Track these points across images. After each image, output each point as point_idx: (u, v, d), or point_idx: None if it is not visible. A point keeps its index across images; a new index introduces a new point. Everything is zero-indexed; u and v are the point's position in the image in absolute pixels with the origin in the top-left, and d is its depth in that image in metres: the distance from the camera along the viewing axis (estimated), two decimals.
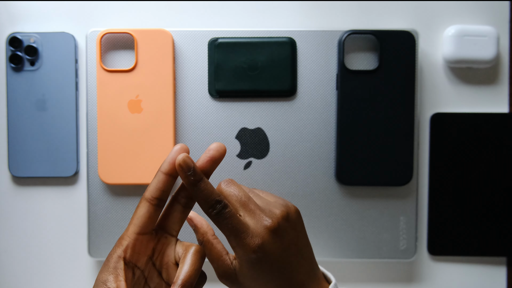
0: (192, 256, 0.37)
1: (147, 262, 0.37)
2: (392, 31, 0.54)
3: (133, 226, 0.36)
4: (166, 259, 0.38)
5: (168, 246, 0.38)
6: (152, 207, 0.36)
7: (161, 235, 0.38)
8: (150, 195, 0.36)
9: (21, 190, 0.58)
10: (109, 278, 0.35)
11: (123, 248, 0.36)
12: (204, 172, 0.37)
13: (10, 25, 0.58)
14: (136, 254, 0.36)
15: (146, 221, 0.36)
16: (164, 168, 0.37)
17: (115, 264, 0.35)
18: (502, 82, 0.57)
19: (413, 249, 0.56)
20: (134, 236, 0.36)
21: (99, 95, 0.55)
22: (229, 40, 0.55)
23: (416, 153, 0.55)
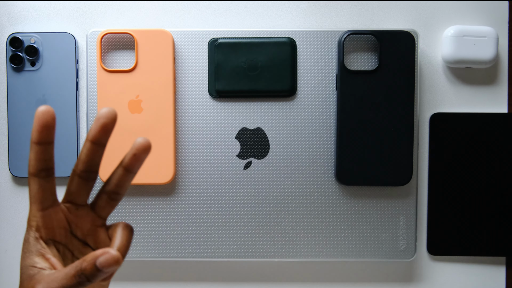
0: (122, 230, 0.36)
1: (65, 235, 0.36)
2: (391, 31, 0.54)
3: (33, 204, 0.35)
4: (86, 228, 0.37)
5: (82, 216, 0.37)
6: (41, 180, 0.34)
7: (70, 207, 0.37)
8: (34, 169, 0.34)
9: (21, 190, 0.58)
10: (36, 260, 0.34)
11: (34, 229, 0.35)
12: (98, 141, 0.34)
13: (10, 25, 0.58)
14: (50, 230, 0.35)
15: (43, 195, 0.35)
16: (34, 138, 0.33)
17: (36, 246, 0.34)
18: (501, 82, 0.58)
19: (413, 249, 0.56)
20: (39, 213, 0.35)
21: (99, 95, 0.55)
22: (229, 40, 0.55)
23: (415, 153, 0.55)
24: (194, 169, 0.56)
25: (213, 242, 0.56)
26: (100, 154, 0.35)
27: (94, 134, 0.34)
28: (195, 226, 0.56)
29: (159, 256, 0.56)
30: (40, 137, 0.33)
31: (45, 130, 0.33)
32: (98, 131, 0.34)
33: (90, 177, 0.36)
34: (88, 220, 0.37)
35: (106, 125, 0.34)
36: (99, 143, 0.34)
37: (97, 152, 0.35)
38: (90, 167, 0.35)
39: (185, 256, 0.56)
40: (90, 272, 0.32)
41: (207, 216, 0.56)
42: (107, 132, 0.34)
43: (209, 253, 0.56)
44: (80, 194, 0.36)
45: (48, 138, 0.33)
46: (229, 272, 0.58)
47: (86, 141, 0.35)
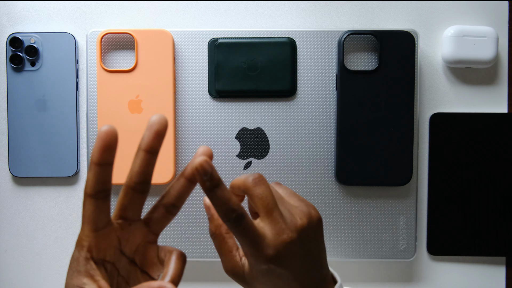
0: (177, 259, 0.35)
1: (115, 253, 0.35)
2: (392, 31, 0.54)
3: (87, 225, 0.34)
4: (135, 244, 0.36)
5: (135, 231, 0.36)
6: (98, 201, 0.33)
7: (123, 224, 0.36)
8: (92, 190, 0.33)
9: (21, 190, 0.58)
10: (85, 281, 0.33)
11: (86, 249, 0.34)
12: (153, 149, 0.34)
13: (10, 25, 0.58)
14: (101, 250, 0.34)
15: (98, 216, 0.34)
16: (96, 159, 0.32)
17: (86, 267, 0.33)
18: (501, 83, 0.58)
19: (413, 249, 0.56)
20: (92, 234, 0.34)
21: (99, 95, 0.55)
22: (229, 40, 0.55)
23: (415, 153, 0.55)
24: None
25: (213, 242, 0.56)
26: (153, 163, 0.34)
27: (148, 142, 0.33)
28: (195, 226, 0.56)
29: None
30: (101, 159, 0.32)
31: (107, 151, 0.32)
32: (152, 138, 0.33)
33: (145, 189, 0.35)
34: (140, 235, 0.36)
35: (159, 132, 0.33)
36: (153, 151, 0.34)
37: (151, 161, 0.34)
38: (144, 178, 0.34)
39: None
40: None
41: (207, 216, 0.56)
42: (161, 139, 0.33)
43: (209, 253, 0.56)
44: (134, 208, 0.35)
45: (109, 159, 0.33)
46: None
47: (139, 151, 0.34)
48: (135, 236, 0.36)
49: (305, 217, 0.37)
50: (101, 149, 0.32)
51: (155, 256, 0.37)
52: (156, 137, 0.33)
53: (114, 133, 0.32)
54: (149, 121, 0.33)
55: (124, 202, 0.35)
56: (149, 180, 0.35)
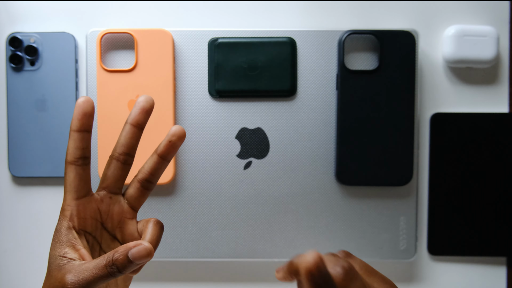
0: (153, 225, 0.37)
1: (96, 226, 0.37)
2: (392, 31, 0.54)
3: (69, 193, 0.36)
4: (117, 219, 0.38)
5: (115, 205, 0.38)
6: (78, 168, 0.36)
7: (104, 196, 0.37)
8: (72, 156, 0.35)
9: (21, 190, 0.58)
10: (66, 251, 0.34)
11: (68, 218, 0.35)
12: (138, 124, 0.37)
13: (10, 25, 0.58)
14: (82, 220, 0.36)
15: (78, 183, 0.36)
16: (75, 125, 0.35)
17: (67, 236, 0.35)
18: (502, 82, 0.57)
19: (413, 249, 0.56)
20: (73, 202, 0.36)
21: (99, 95, 0.55)
22: (229, 40, 0.55)
23: (416, 153, 0.55)
24: (194, 169, 0.56)
25: (213, 242, 0.56)
26: (138, 137, 0.37)
27: (134, 116, 0.37)
28: (195, 226, 0.56)
29: (159, 256, 0.56)
30: (80, 125, 0.35)
31: (85, 118, 0.35)
32: (138, 113, 0.36)
33: (128, 161, 0.37)
34: (120, 210, 0.38)
35: (145, 108, 0.37)
36: (138, 126, 0.37)
37: (136, 134, 0.37)
38: (128, 150, 0.37)
39: (185, 256, 0.56)
40: (121, 263, 0.33)
41: (207, 216, 0.56)
42: (146, 115, 0.37)
43: (209, 253, 0.56)
44: (116, 179, 0.37)
45: (87, 126, 0.35)
46: (229, 272, 0.58)
47: (126, 125, 0.37)
48: (115, 210, 0.38)
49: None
50: (79, 116, 0.35)
51: (135, 231, 0.38)
52: (142, 112, 0.37)
53: (90, 102, 0.35)
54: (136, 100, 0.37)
55: (106, 172, 0.37)
56: (132, 153, 0.37)
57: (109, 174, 0.37)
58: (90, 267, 0.33)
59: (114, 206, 0.38)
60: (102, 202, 0.37)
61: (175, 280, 0.58)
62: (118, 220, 0.38)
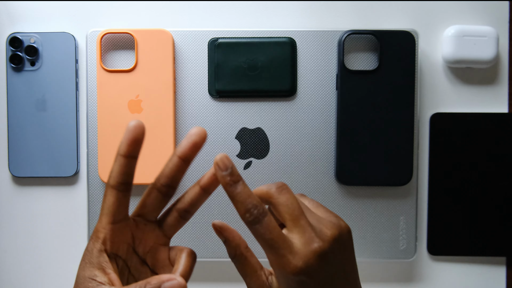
0: (187, 257, 0.36)
1: (127, 250, 0.36)
2: (392, 31, 0.54)
3: (105, 216, 0.35)
4: (149, 245, 0.37)
5: (149, 232, 0.37)
6: (120, 193, 0.34)
7: (139, 222, 0.37)
8: (115, 181, 0.34)
9: (21, 190, 0.58)
10: (96, 273, 0.33)
11: (101, 241, 0.34)
12: (186, 158, 0.35)
13: (10, 25, 0.58)
14: (115, 244, 0.35)
15: (117, 208, 0.34)
16: (123, 151, 0.34)
17: (98, 259, 0.34)
18: (502, 82, 0.57)
19: (413, 249, 0.56)
20: (109, 226, 0.34)
21: (99, 95, 0.55)
22: (229, 40, 0.55)
23: (416, 153, 0.55)
24: (194, 169, 0.56)
25: (213, 242, 0.56)
26: (184, 170, 0.35)
27: (184, 150, 0.35)
28: (195, 226, 0.56)
29: None
30: (129, 151, 0.34)
31: (134, 144, 0.33)
32: (189, 148, 0.35)
33: (169, 193, 0.36)
34: (153, 237, 0.37)
35: (197, 144, 0.35)
36: (186, 160, 0.35)
37: (182, 168, 0.35)
38: (172, 183, 0.36)
39: None
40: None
41: (207, 216, 0.56)
42: (196, 150, 0.35)
43: (209, 253, 0.56)
44: (154, 209, 0.36)
45: (135, 152, 0.34)
46: (229, 272, 0.58)
47: (174, 156, 0.35)
48: (148, 237, 0.37)
49: (335, 228, 0.35)
50: (129, 141, 0.33)
51: (166, 258, 0.37)
52: (193, 147, 0.35)
53: (142, 128, 0.33)
54: (189, 131, 0.35)
55: (146, 200, 0.36)
56: (175, 186, 0.36)
57: (148, 203, 0.36)
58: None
59: (149, 233, 0.37)
60: (137, 228, 0.36)
61: None
62: (150, 246, 0.37)
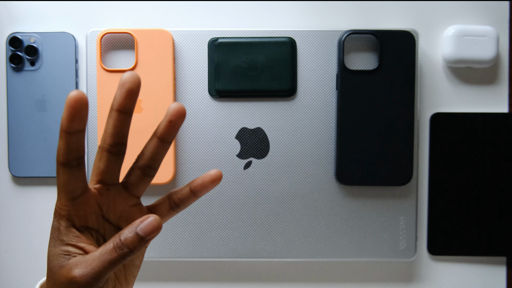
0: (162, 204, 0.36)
1: (97, 220, 0.34)
2: (392, 31, 0.54)
3: (62, 194, 0.32)
4: (119, 210, 0.35)
5: (115, 196, 0.35)
6: (73, 169, 0.32)
7: (101, 189, 0.34)
8: (64, 158, 0.32)
9: (21, 190, 0.58)
10: (68, 249, 0.32)
11: (65, 218, 0.33)
12: (125, 109, 0.32)
13: (10, 25, 0.58)
14: (82, 217, 0.33)
15: (74, 184, 0.32)
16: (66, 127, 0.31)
17: (67, 236, 0.32)
18: (502, 82, 0.57)
19: (413, 249, 0.56)
20: (69, 203, 0.32)
21: (99, 95, 0.55)
22: (229, 40, 0.55)
23: (416, 153, 0.55)
24: (194, 169, 0.56)
25: (213, 242, 0.56)
26: (127, 123, 0.33)
27: (120, 101, 0.32)
28: (195, 226, 0.56)
29: (159, 256, 0.56)
30: (72, 127, 0.30)
31: (77, 120, 0.30)
32: (124, 97, 0.32)
33: (120, 150, 0.34)
34: (121, 200, 0.35)
35: (131, 90, 0.32)
36: (126, 111, 0.32)
37: (125, 121, 0.33)
38: (119, 139, 0.33)
39: (185, 256, 0.56)
40: (132, 241, 0.30)
41: (207, 216, 0.56)
42: (133, 97, 0.32)
43: (209, 253, 0.56)
44: (111, 172, 0.34)
45: (80, 126, 0.31)
46: (229, 272, 0.58)
47: (111, 111, 0.32)
48: (116, 201, 0.35)
49: None
50: (70, 117, 0.30)
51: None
52: (128, 95, 0.32)
53: (84, 99, 0.30)
54: (120, 78, 0.32)
55: (99, 166, 0.34)
56: (124, 141, 0.33)
57: (102, 167, 0.34)
58: (97, 255, 0.31)
59: (114, 197, 0.35)
60: (100, 196, 0.34)
61: (175, 280, 0.58)
62: (120, 210, 0.35)
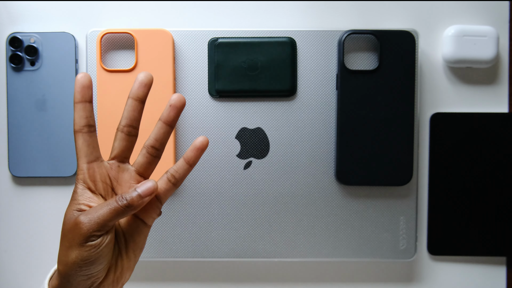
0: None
1: (107, 190, 0.40)
2: (392, 31, 0.54)
3: (80, 159, 0.39)
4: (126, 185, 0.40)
5: (124, 172, 0.41)
6: (85, 135, 0.39)
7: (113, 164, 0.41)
8: (78, 126, 0.39)
9: (21, 190, 0.58)
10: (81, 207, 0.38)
11: (82, 181, 0.39)
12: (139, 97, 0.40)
13: (10, 25, 0.58)
14: (94, 182, 0.39)
15: (87, 149, 0.39)
16: (77, 98, 0.39)
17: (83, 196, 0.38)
18: (502, 82, 0.57)
19: (413, 249, 0.56)
20: (85, 166, 0.39)
21: (99, 95, 0.55)
22: (229, 40, 0.55)
23: (416, 153, 0.55)
24: (194, 169, 0.56)
25: (213, 242, 0.56)
26: (140, 109, 0.40)
27: (135, 91, 0.40)
28: (195, 226, 0.56)
29: (159, 256, 0.56)
30: (81, 96, 0.39)
31: (84, 90, 0.39)
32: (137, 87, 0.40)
33: (131, 132, 0.40)
34: (129, 177, 0.41)
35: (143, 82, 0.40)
36: (139, 99, 0.40)
37: (138, 107, 0.40)
38: (131, 122, 0.40)
39: (185, 256, 0.56)
40: (131, 197, 0.37)
41: (207, 216, 0.56)
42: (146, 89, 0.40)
43: (209, 253, 0.56)
44: (123, 149, 0.40)
45: (87, 97, 0.39)
46: (229, 272, 0.58)
47: (128, 99, 0.40)
48: (123, 178, 0.41)
49: None
50: (79, 88, 0.39)
51: None
52: (141, 86, 0.40)
53: (88, 76, 0.39)
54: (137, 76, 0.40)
55: (114, 144, 0.41)
56: (135, 125, 0.41)
57: (116, 145, 0.40)
58: (101, 205, 0.37)
59: (123, 173, 0.41)
60: (111, 169, 0.40)
61: (175, 280, 0.58)
62: (127, 187, 0.40)
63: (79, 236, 0.36)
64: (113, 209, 0.36)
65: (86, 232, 0.36)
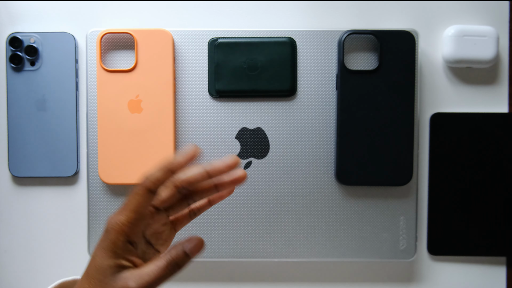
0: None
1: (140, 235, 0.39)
2: (392, 31, 0.54)
3: (133, 214, 0.36)
4: (155, 227, 0.40)
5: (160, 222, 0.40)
6: (152, 195, 0.37)
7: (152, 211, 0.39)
8: (155, 186, 0.37)
9: (21, 190, 0.58)
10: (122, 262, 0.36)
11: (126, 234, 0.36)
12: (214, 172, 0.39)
13: (10, 25, 0.58)
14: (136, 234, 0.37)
15: (145, 208, 0.37)
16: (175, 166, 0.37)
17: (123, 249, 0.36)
18: (502, 82, 0.57)
19: (413, 249, 0.56)
20: (137, 222, 0.37)
21: (99, 95, 0.55)
22: (229, 40, 0.55)
23: (416, 153, 0.55)
24: None
25: (213, 242, 0.56)
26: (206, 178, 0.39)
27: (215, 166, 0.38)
28: (195, 226, 0.56)
29: None
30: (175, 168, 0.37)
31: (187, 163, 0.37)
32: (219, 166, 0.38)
33: (186, 195, 0.40)
34: (163, 224, 0.40)
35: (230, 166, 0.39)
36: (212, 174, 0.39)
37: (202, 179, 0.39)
38: (192, 188, 0.40)
39: None
40: (181, 259, 0.36)
41: (207, 216, 0.56)
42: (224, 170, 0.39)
43: (209, 253, 0.56)
44: (168, 203, 0.40)
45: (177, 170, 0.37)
46: (229, 272, 0.58)
47: (203, 168, 0.39)
48: (158, 225, 0.40)
49: None
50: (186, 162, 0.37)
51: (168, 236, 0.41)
52: (225, 167, 0.38)
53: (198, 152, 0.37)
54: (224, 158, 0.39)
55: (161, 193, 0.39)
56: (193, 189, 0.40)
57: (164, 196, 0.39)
58: (152, 270, 0.36)
59: (159, 223, 0.40)
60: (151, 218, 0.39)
61: (175, 280, 0.58)
62: (155, 228, 0.40)
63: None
64: (163, 275, 0.36)
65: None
